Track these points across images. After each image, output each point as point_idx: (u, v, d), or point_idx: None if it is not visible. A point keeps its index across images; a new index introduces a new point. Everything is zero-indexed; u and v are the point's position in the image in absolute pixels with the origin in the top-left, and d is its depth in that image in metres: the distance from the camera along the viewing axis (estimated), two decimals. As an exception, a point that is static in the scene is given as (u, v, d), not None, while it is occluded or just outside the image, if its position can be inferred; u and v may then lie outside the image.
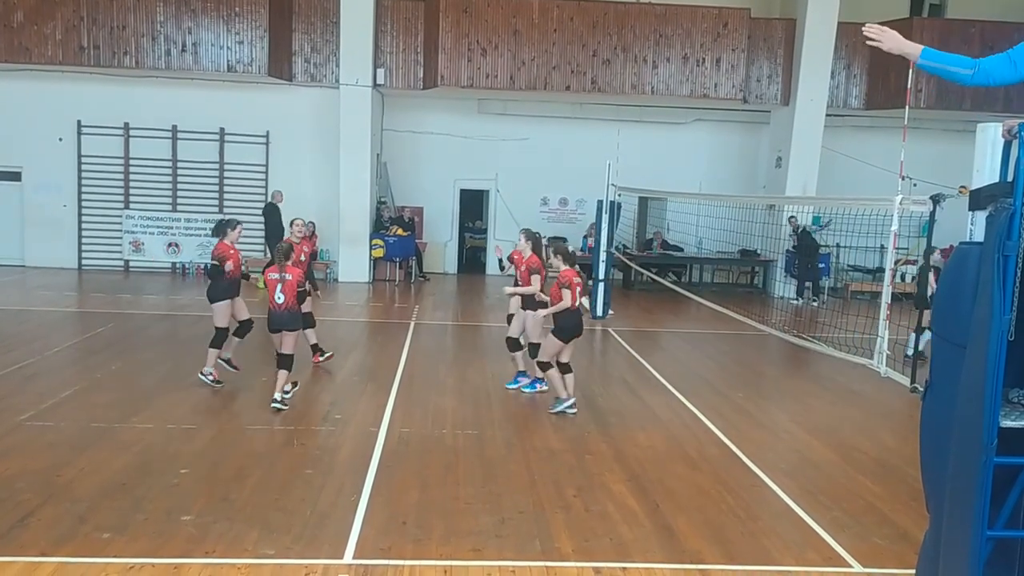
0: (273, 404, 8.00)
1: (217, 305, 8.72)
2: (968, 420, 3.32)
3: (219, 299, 8.74)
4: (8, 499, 5.63)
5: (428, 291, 17.05)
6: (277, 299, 7.97)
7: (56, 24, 16.18)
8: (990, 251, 3.28)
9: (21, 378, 8.83)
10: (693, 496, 6.27)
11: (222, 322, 8.74)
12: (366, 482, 6.23)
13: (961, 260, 3.56)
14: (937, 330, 3.75)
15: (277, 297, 7.96)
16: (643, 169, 17.41)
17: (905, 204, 6.45)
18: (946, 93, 17.54)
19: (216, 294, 8.77)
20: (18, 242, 17.91)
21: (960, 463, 3.38)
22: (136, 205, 17.82)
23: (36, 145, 17.54)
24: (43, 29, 16.18)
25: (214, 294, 8.78)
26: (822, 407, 9.26)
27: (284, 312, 8.01)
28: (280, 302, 7.97)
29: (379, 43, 17.48)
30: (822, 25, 17.47)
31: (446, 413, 8.21)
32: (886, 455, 7.51)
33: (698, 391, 9.53)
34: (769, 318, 14.06)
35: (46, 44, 16.25)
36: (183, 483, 6.09)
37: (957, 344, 3.46)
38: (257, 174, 18.03)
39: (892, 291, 7.24)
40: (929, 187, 7.32)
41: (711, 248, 17.89)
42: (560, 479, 6.49)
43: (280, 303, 7.98)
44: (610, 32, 17.19)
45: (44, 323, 12.04)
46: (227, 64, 16.60)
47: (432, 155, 19.17)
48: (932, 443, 3.68)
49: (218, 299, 8.74)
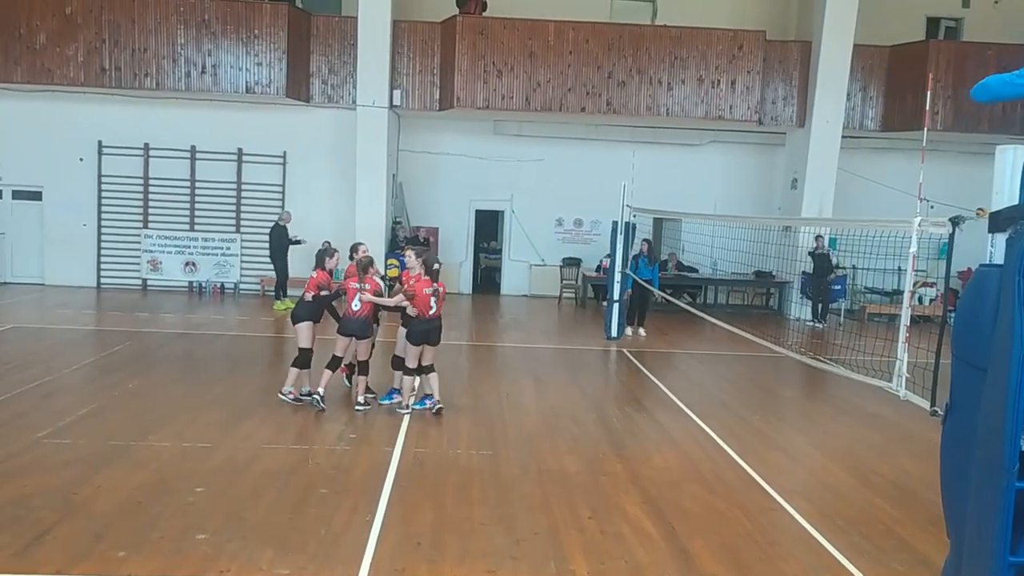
0: (356, 408, 8.81)
1: (302, 325, 8.90)
2: (989, 443, 3.29)
3: (305, 320, 8.91)
4: (25, 516, 5.65)
5: (443, 311, 17.01)
6: (354, 306, 8.63)
7: (78, 46, 16.43)
8: (1010, 273, 3.27)
9: (39, 396, 8.90)
10: (709, 519, 6.23)
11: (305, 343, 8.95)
12: (380, 502, 6.22)
13: (981, 282, 3.54)
14: (957, 353, 3.72)
15: (354, 304, 8.62)
16: (658, 190, 17.41)
17: (924, 226, 6.41)
18: (963, 115, 17.51)
19: (303, 315, 8.93)
20: (38, 260, 18.08)
21: (981, 487, 3.35)
22: (154, 224, 17.98)
23: (57, 165, 17.75)
24: (65, 51, 16.43)
25: (303, 314, 8.94)
26: (840, 430, 9.18)
27: (357, 320, 8.66)
28: (356, 309, 8.63)
29: (396, 65, 17.63)
30: (838, 47, 17.48)
31: (461, 433, 8.20)
32: (905, 479, 7.43)
33: (714, 413, 9.48)
34: (785, 339, 13.98)
35: (68, 66, 16.49)
36: (198, 501, 6.10)
37: (977, 367, 3.44)
38: (274, 194, 18.17)
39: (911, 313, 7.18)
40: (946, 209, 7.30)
41: (726, 269, 17.84)
42: (575, 500, 6.46)
43: (356, 310, 8.63)
44: (625, 54, 17.26)
45: (62, 341, 12.13)
46: (246, 85, 16.78)
47: (448, 176, 19.26)
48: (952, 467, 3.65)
49: (304, 319, 8.91)
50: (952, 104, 17.51)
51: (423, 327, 8.62)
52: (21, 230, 18.05)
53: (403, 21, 17.65)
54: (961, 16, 19.84)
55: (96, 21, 16.40)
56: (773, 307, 19.28)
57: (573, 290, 19.21)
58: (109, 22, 16.42)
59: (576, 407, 9.51)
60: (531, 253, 19.70)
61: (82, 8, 16.37)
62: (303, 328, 8.88)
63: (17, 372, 9.86)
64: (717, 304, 19.04)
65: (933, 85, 17.02)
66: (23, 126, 17.60)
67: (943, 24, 20.03)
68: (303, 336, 8.89)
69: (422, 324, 8.61)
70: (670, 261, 18.70)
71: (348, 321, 8.72)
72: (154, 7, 16.52)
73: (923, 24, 19.62)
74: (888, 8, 18.86)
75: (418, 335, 8.64)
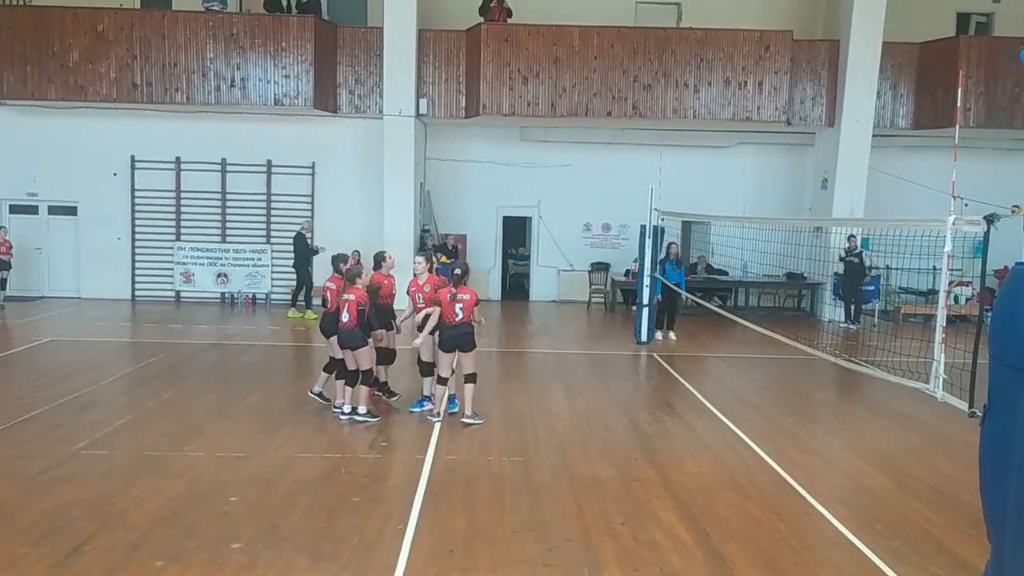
0: (334, 409, 8.84)
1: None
2: (1030, 445, 3.22)
3: None
4: (64, 527, 5.74)
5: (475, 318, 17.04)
6: (343, 317, 8.61)
7: (110, 63, 16.71)
8: (1048, 271, 3.20)
9: (76, 407, 9.03)
10: (744, 524, 6.16)
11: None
12: (413, 510, 6.23)
13: (1017, 280, 3.47)
14: (995, 353, 3.66)
15: (343, 316, 8.60)
16: (686, 193, 17.34)
17: (958, 224, 6.31)
18: (996, 112, 17.24)
19: None
20: (74, 274, 18.39)
21: (1022, 489, 3.28)
22: (187, 237, 18.21)
23: (91, 180, 18.05)
24: (98, 68, 16.72)
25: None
26: (876, 432, 9.05)
27: (343, 330, 8.64)
28: (344, 320, 8.61)
29: (422, 74, 17.72)
30: (867, 45, 17.28)
31: (491, 440, 8.20)
32: (943, 482, 7.31)
33: (747, 417, 9.39)
34: (818, 342, 13.82)
35: (101, 82, 16.78)
36: (233, 511, 6.15)
37: (1016, 367, 3.37)
38: (303, 205, 18.32)
39: (947, 313, 7.07)
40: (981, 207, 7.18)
41: (756, 272, 17.69)
42: (607, 507, 6.43)
43: (344, 321, 8.61)
44: (651, 57, 17.21)
45: (99, 353, 12.31)
46: (274, 98, 16.96)
47: (475, 183, 19.31)
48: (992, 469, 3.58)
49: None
50: (985, 100, 17.24)
51: (449, 333, 8.66)
52: (57, 245, 18.37)
53: (428, 30, 17.75)
54: (992, 11, 19.55)
55: (127, 38, 16.67)
56: (805, 309, 19.07)
57: (602, 295, 19.15)
58: (140, 38, 16.69)
59: (607, 412, 9.47)
60: (559, 258, 19.67)
61: (114, 25, 16.66)
62: (363, 353, 8.81)
63: (55, 385, 10.02)
64: (748, 307, 18.87)
65: (965, 81, 16.78)
66: (58, 143, 17.92)
67: (974, 19, 19.74)
68: (364, 360, 8.79)
69: (448, 331, 8.65)
70: (699, 264, 18.58)
71: (340, 333, 8.76)
72: (184, 23, 16.78)
73: (953, 20, 19.35)
74: (917, 4, 18.62)
75: (446, 341, 8.70)
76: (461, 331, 8.68)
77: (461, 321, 8.65)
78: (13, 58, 16.60)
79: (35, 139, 17.90)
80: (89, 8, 16.78)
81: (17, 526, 5.74)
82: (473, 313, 8.71)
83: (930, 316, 14.95)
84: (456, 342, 8.69)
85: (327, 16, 18.14)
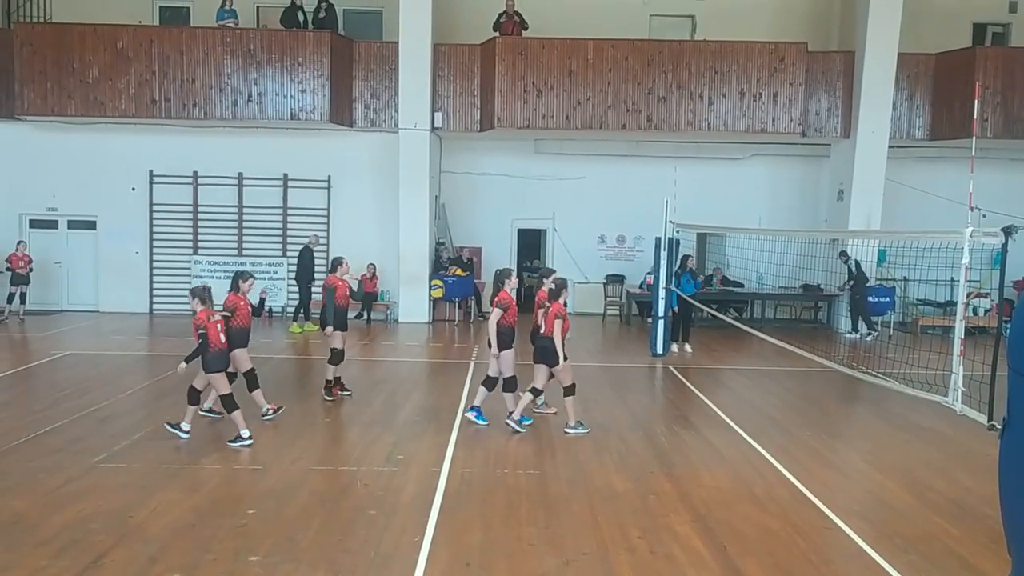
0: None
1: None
2: (1051, 459, 3.20)
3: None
4: (83, 540, 5.77)
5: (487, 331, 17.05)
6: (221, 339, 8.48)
7: (129, 79, 16.92)
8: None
9: (95, 420, 9.10)
10: (762, 538, 6.12)
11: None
12: (429, 523, 6.23)
13: (1037, 293, 3.45)
14: (1014, 365, 3.63)
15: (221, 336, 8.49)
16: (701, 205, 17.35)
17: (976, 236, 6.28)
18: (1013, 122, 17.16)
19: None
20: (92, 288, 18.56)
21: (1044, 504, 3.25)
22: (204, 250, 18.35)
23: (110, 194, 18.24)
24: (117, 84, 16.93)
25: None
26: (895, 446, 8.98)
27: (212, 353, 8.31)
28: (222, 342, 8.47)
29: (436, 87, 17.82)
30: (882, 57, 17.24)
31: (507, 453, 8.19)
32: (963, 495, 7.24)
33: (764, 429, 9.34)
34: (835, 354, 13.73)
35: (120, 98, 16.99)
36: (250, 524, 6.17)
37: (1036, 380, 3.35)
38: (319, 218, 18.43)
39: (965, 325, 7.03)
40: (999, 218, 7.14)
41: (772, 283, 17.64)
42: (624, 520, 6.41)
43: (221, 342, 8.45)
44: (665, 70, 17.24)
45: (117, 367, 12.41)
46: (290, 112, 17.11)
47: (490, 196, 19.37)
48: (1012, 482, 3.54)
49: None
50: (1002, 111, 17.18)
51: (537, 343, 9.14)
52: (76, 259, 18.57)
53: (443, 44, 17.86)
54: (1008, 21, 19.50)
55: (146, 54, 16.88)
56: (822, 321, 18.98)
57: (617, 307, 19.12)
58: (159, 55, 16.90)
59: (623, 425, 9.44)
60: (574, 271, 19.65)
61: (133, 42, 16.88)
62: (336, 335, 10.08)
63: (75, 398, 10.11)
64: (764, 319, 18.80)
65: (981, 92, 16.70)
66: (78, 158, 18.13)
67: (990, 30, 19.67)
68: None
69: (537, 340, 9.14)
70: (715, 276, 18.53)
71: None
72: (201, 39, 16.98)
73: (969, 30, 19.29)
74: (933, 16, 18.60)
75: (535, 352, 9.14)
76: (540, 344, 9.05)
77: (544, 333, 8.99)
78: (34, 74, 16.84)
79: (55, 154, 18.13)
80: (109, 25, 17.05)
81: (37, 538, 5.78)
82: (554, 327, 8.82)
83: (948, 328, 14.83)
84: (538, 353, 9.05)
85: (343, 31, 18.30)
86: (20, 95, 16.88)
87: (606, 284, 19.18)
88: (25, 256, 16.83)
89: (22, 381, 11.47)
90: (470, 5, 18.90)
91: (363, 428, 8.97)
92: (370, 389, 11.16)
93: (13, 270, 16.61)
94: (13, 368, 12.21)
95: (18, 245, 17.02)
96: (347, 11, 19.04)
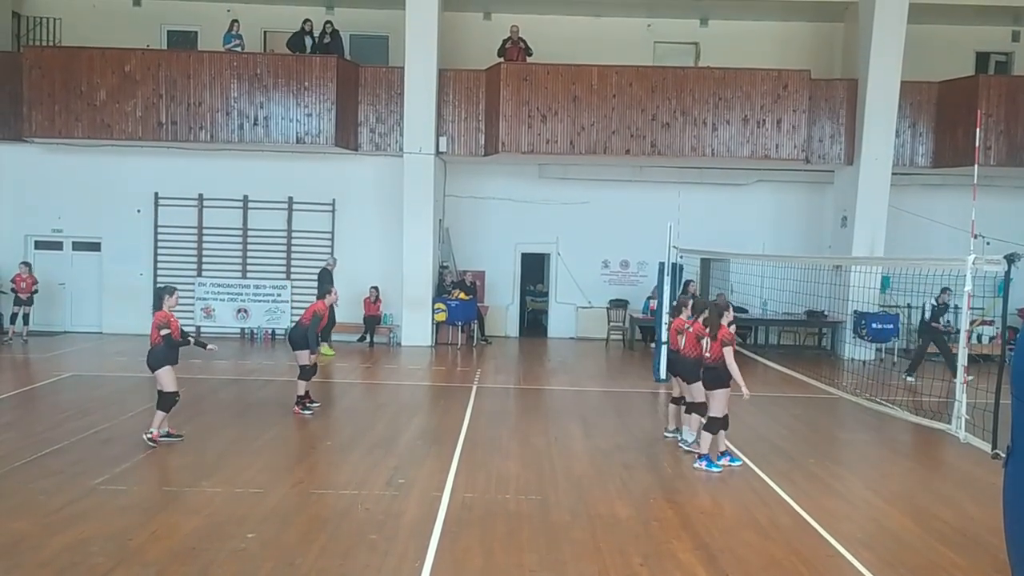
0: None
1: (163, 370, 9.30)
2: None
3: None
4: (82, 563, 5.75)
5: (490, 354, 17.08)
6: None
7: (136, 102, 17.04)
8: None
9: (97, 442, 9.09)
10: (765, 566, 6.07)
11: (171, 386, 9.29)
12: (430, 548, 6.20)
13: (1040, 321, 3.45)
14: (1018, 393, 3.62)
15: None
16: (705, 231, 17.36)
17: (978, 264, 6.29)
18: (1017, 150, 17.21)
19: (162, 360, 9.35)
20: (96, 309, 18.58)
21: (1049, 534, 3.23)
22: (208, 272, 18.39)
23: (115, 217, 18.31)
24: (124, 107, 17.05)
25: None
26: (899, 473, 8.93)
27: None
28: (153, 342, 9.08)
29: (441, 112, 17.93)
30: (885, 84, 17.34)
31: (509, 478, 8.15)
32: (968, 524, 7.18)
33: (767, 456, 9.29)
34: (840, 381, 13.68)
35: (127, 121, 17.10)
36: (250, 547, 6.14)
37: (1040, 408, 3.34)
38: (323, 241, 18.48)
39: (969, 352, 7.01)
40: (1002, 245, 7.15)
41: (776, 309, 17.61)
42: (626, 547, 6.36)
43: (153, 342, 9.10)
44: (669, 96, 17.33)
45: (119, 388, 12.40)
46: (296, 136, 17.21)
47: (493, 220, 19.42)
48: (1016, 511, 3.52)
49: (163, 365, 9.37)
50: (1005, 139, 17.23)
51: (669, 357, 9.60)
52: (81, 280, 18.60)
53: (448, 70, 18.00)
54: (1011, 50, 19.62)
55: (153, 77, 17.01)
56: (826, 347, 18.93)
57: (620, 332, 19.10)
58: (166, 78, 17.03)
59: (625, 451, 9.40)
60: (577, 295, 19.68)
61: (141, 66, 17.02)
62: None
63: (76, 419, 10.10)
64: (768, 345, 18.76)
65: (984, 120, 16.76)
66: (83, 179, 18.22)
67: (993, 59, 19.78)
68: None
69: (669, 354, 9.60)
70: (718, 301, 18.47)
71: None
72: (209, 63, 17.11)
73: (972, 59, 19.38)
74: (936, 44, 18.69)
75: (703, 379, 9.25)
76: (672, 357, 9.64)
77: (682, 351, 9.48)
78: (42, 97, 16.96)
79: (61, 176, 18.23)
80: (117, 48, 17.21)
81: (37, 560, 5.76)
82: (696, 347, 9.23)
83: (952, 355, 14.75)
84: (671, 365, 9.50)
85: (349, 56, 18.45)
86: (28, 117, 16.99)
87: (609, 309, 19.17)
88: (30, 277, 16.87)
89: (24, 402, 11.47)
90: (475, 31, 19.08)
91: (365, 452, 8.94)
92: (372, 412, 11.14)
93: (16, 292, 16.65)
94: (15, 389, 12.21)
95: (21, 267, 17.04)
96: (353, 36, 19.22)
